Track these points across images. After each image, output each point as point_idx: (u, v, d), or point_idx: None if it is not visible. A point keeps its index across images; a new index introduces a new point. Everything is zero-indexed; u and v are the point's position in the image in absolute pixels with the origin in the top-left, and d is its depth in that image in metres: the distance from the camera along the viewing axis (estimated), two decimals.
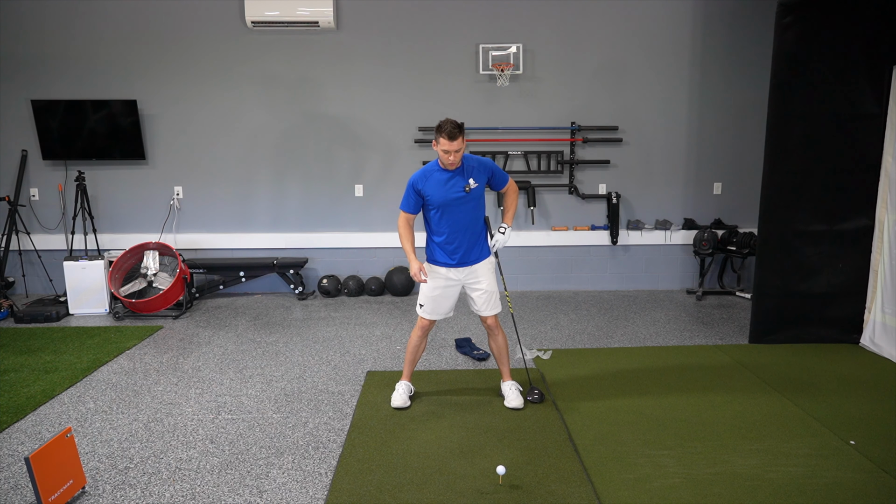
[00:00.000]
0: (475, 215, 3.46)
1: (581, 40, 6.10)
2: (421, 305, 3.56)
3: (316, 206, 6.34)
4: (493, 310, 3.55)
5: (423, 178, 3.39)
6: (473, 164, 3.41)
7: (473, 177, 3.38)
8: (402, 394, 3.62)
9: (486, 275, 3.52)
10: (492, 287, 3.53)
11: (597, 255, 6.46)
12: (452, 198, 3.37)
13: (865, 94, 4.38)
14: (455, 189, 3.37)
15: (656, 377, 4.02)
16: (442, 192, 3.36)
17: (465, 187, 3.37)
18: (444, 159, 3.29)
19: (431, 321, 3.59)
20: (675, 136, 6.28)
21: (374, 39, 6.07)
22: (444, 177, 3.37)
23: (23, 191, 6.14)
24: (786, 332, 4.67)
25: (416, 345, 3.66)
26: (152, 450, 3.13)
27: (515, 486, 2.76)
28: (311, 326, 5.25)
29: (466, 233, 3.44)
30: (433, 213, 3.43)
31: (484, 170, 3.43)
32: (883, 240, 4.43)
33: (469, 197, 3.39)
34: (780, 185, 4.49)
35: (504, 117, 6.18)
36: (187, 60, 6.05)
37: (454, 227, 3.41)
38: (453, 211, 3.39)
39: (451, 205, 3.38)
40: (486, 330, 3.65)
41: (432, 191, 3.37)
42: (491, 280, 3.53)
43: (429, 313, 3.55)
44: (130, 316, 5.54)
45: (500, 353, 3.66)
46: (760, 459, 2.98)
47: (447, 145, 3.23)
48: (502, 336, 3.65)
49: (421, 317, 3.58)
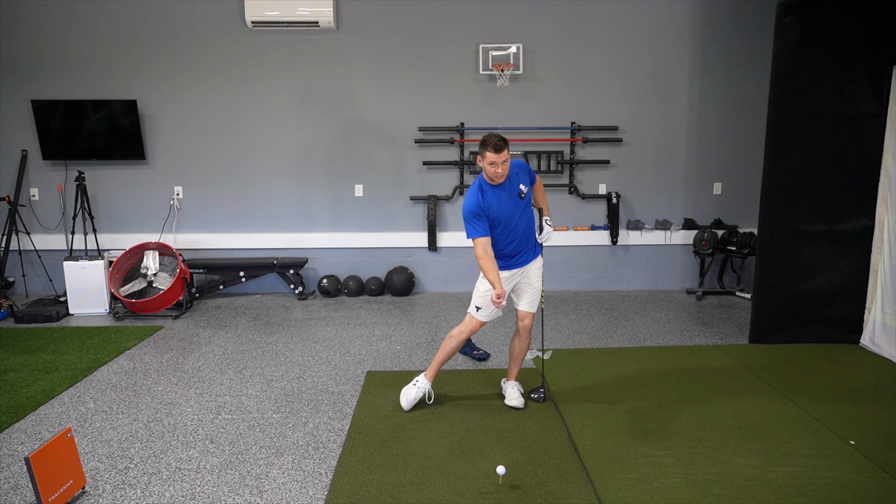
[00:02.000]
0: (529, 219, 3.47)
1: (581, 40, 6.10)
2: (478, 308, 3.51)
3: (316, 205, 6.34)
4: (533, 307, 3.56)
5: (483, 202, 3.30)
6: (514, 169, 3.39)
7: (521, 182, 3.38)
8: (417, 396, 3.57)
9: (536, 273, 3.54)
10: (539, 284, 3.55)
11: (597, 255, 6.46)
12: (515, 209, 3.35)
13: (865, 94, 4.38)
14: (514, 200, 3.35)
15: (656, 377, 4.03)
16: (504, 207, 3.33)
17: (520, 194, 3.36)
18: (492, 172, 3.24)
19: (483, 323, 3.56)
20: (675, 136, 6.28)
21: (374, 39, 6.07)
22: (501, 192, 3.33)
23: (23, 191, 6.14)
24: (786, 332, 4.67)
25: (457, 346, 3.59)
26: (152, 450, 3.14)
27: (515, 486, 2.76)
28: (311, 326, 5.25)
29: (524, 239, 3.44)
30: (496, 231, 3.37)
31: (524, 171, 3.43)
32: (883, 240, 4.43)
33: (524, 202, 3.40)
34: (780, 185, 4.50)
35: (504, 117, 6.18)
36: (187, 60, 6.05)
37: (513, 236, 3.40)
38: (517, 221, 3.38)
39: (515, 216, 3.36)
40: (518, 329, 3.59)
41: (496, 210, 3.32)
42: (539, 278, 3.55)
43: (486, 316, 3.51)
44: (130, 316, 5.54)
45: (519, 356, 3.66)
46: (760, 459, 2.98)
47: (494, 157, 3.19)
48: (528, 340, 3.64)
49: (476, 319, 3.53)
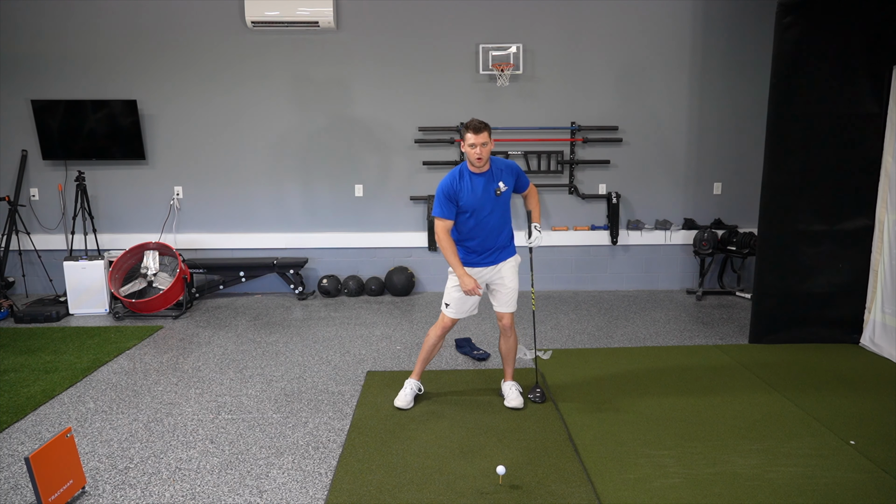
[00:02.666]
0: (504, 217, 3.47)
1: (581, 40, 6.10)
2: (447, 305, 3.53)
3: (316, 205, 6.34)
4: (510, 307, 3.56)
5: (455, 183, 3.35)
6: (501, 166, 3.41)
7: (503, 179, 3.39)
8: (409, 394, 3.61)
9: (511, 273, 3.53)
10: (514, 284, 3.54)
11: (597, 255, 6.46)
12: (486, 201, 3.36)
13: (865, 94, 4.38)
14: (488, 193, 3.36)
15: (656, 377, 4.03)
16: (476, 196, 3.35)
17: (496, 190, 3.36)
18: (471, 155, 3.28)
19: (454, 321, 3.57)
20: (675, 136, 6.28)
21: (374, 39, 6.07)
22: (478, 181, 3.36)
23: (23, 191, 6.14)
24: (786, 332, 4.67)
25: (434, 344, 3.63)
26: (152, 450, 3.13)
27: (515, 486, 2.76)
28: (311, 326, 5.25)
29: (496, 236, 3.44)
30: (464, 218, 3.40)
31: (511, 172, 3.44)
32: (883, 240, 4.43)
33: (500, 200, 3.40)
34: (780, 185, 4.50)
35: (504, 117, 6.18)
36: (187, 60, 6.05)
37: (484, 230, 3.41)
38: (487, 215, 3.38)
39: (485, 208, 3.37)
40: (501, 329, 3.63)
41: (466, 196, 3.34)
42: (514, 278, 3.55)
43: (454, 313, 3.53)
44: (130, 316, 5.54)
45: (509, 353, 3.67)
46: (760, 459, 2.98)
47: (473, 138, 3.23)
48: (514, 337, 3.65)
49: (446, 316, 3.55)
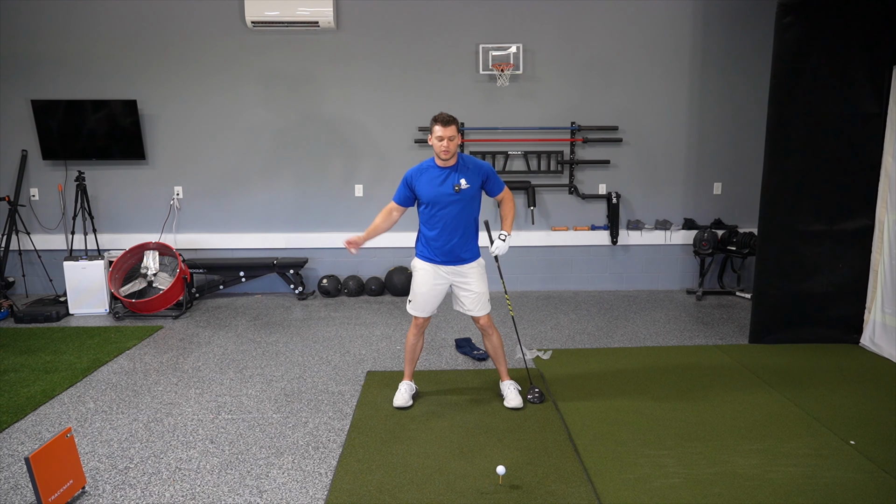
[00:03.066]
0: (466, 216, 3.45)
1: (581, 40, 6.10)
2: (410, 301, 3.59)
3: (316, 205, 6.34)
4: (482, 310, 3.55)
5: (418, 173, 3.44)
6: (469, 165, 3.43)
7: (466, 177, 3.39)
8: (405, 393, 3.63)
9: (476, 277, 3.52)
10: (480, 289, 3.53)
11: (597, 255, 6.46)
12: (442, 195, 3.38)
13: (865, 94, 4.38)
14: (446, 187, 3.38)
15: (656, 377, 4.02)
16: (432, 188, 3.39)
17: (456, 186, 3.37)
18: (438, 147, 3.31)
19: (425, 318, 3.60)
20: (675, 136, 6.28)
21: (374, 39, 6.07)
22: (438, 174, 3.40)
23: (23, 191, 6.14)
24: (786, 332, 4.67)
25: (413, 343, 3.67)
26: (152, 450, 3.13)
27: (515, 486, 2.76)
28: (311, 326, 5.25)
29: (455, 233, 3.43)
30: (423, 209, 3.46)
31: (479, 172, 3.44)
32: (883, 240, 4.43)
33: (459, 197, 3.39)
34: (780, 185, 4.49)
35: (504, 117, 6.18)
36: (187, 60, 6.05)
37: (443, 225, 3.42)
38: (443, 209, 3.40)
39: (441, 202, 3.39)
40: (480, 330, 3.66)
41: (423, 186, 3.41)
42: (480, 282, 3.53)
43: (417, 309, 3.56)
44: (130, 316, 5.54)
45: (497, 352, 3.67)
46: (760, 459, 2.98)
47: (440, 131, 3.27)
48: (497, 335, 3.65)
49: (411, 314, 3.60)
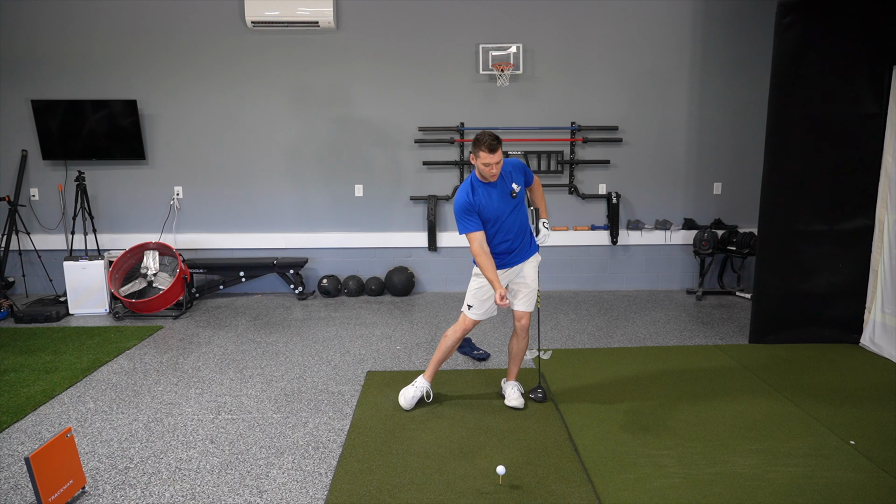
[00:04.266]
0: (523, 218, 3.45)
1: (581, 40, 6.10)
2: (469, 307, 3.50)
3: (316, 205, 6.34)
4: (529, 306, 3.53)
5: (473, 195, 3.30)
6: (508, 168, 3.37)
7: (514, 181, 3.36)
8: (416, 395, 3.57)
9: (532, 272, 3.52)
10: (535, 283, 3.53)
11: (597, 255, 6.46)
12: (504, 207, 3.34)
13: (865, 94, 4.38)
14: (504, 198, 3.34)
15: (656, 377, 4.03)
16: (493, 205, 3.32)
17: (512, 193, 3.35)
18: (485, 172, 3.24)
19: (476, 322, 3.54)
20: (675, 136, 6.28)
21: (374, 39, 6.07)
22: (490, 189, 3.32)
23: (23, 191, 6.14)
24: (786, 332, 4.67)
25: (452, 345, 3.58)
26: (152, 450, 3.13)
27: (515, 486, 2.76)
28: (311, 326, 5.25)
29: (517, 237, 3.42)
30: (487, 227, 3.36)
31: (519, 170, 3.42)
32: (883, 240, 4.43)
33: (517, 201, 3.39)
34: (780, 185, 4.49)
35: (504, 117, 6.18)
36: (187, 60, 6.05)
37: (506, 234, 3.38)
38: (506, 220, 3.36)
39: (505, 213, 3.35)
40: (516, 329, 3.58)
41: (485, 206, 3.31)
42: (534, 276, 3.53)
43: (478, 315, 3.51)
44: (130, 316, 5.54)
45: (518, 356, 3.65)
46: (760, 459, 2.98)
47: (488, 158, 3.18)
48: (527, 340, 3.62)
49: (469, 318, 3.51)
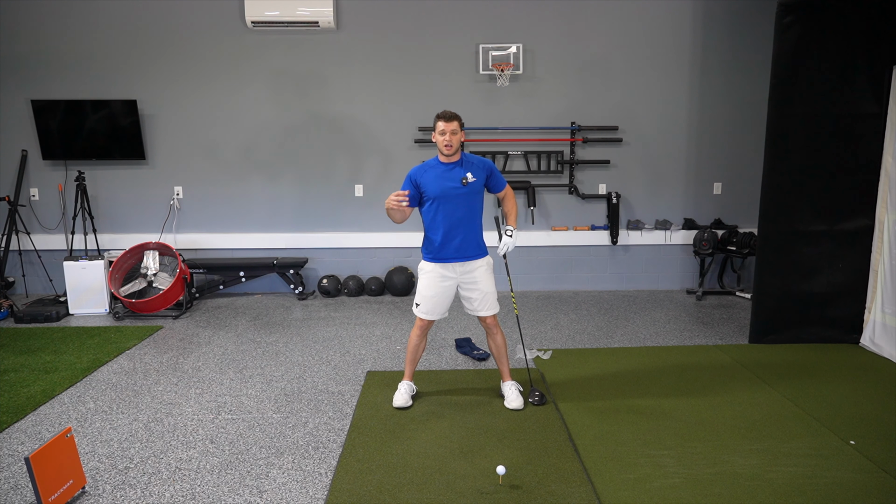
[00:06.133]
0: (472, 211, 3.46)
1: (581, 40, 6.10)
2: (417, 305, 3.57)
3: (316, 206, 6.34)
4: (490, 310, 3.54)
5: (422, 170, 3.45)
6: (473, 161, 3.47)
7: (472, 171, 3.42)
8: (404, 394, 3.62)
9: (484, 275, 3.51)
10: (489, 287, 3.52)
11: (597, 255, 6.46)
12: (449, 189, 3.39)
13: (865, 94, 4.38)
14: (452, 181, 3.39)
15: (656, 377, 4.03)
16: (439, 183, 3.39)
17: (463, 179, 3.39)
18: (440, 142, 3.34)
19: (429, 321, 3.59)
20: (675, 136, 6.28)
21: (374, 39, 6.07)
22: (443, 169, 3.42)
23: (23, 191, 6.14)
24: (786, 332, 4.67)
25: (416, 344, 3.66)
26: (152, 450, 3.13)
27: (515, 486, 2.76)
28: (311, 326, 5.25)
29: (462, 228, 3.43)
30: (429, 206, 3.44)
31: (483, 167, 3.47)
32: (883, 240, 4.43)
33: (466, 190, 3.40)
34: (780, 185, 4.49)
35: (504, 117, 6.18)
36: (187, 60, 6.05)
37: (450, 220, 3.41)
38: (449, 204, 3.40)
39: (447, 197, 3.39)
40: (485, 329, 3.64)
41: (429, 182, 3.41)
42: (488, 280, 3.52)
43: (426, 313, 3.55)
44: (130, 316, 5.54)
45: (500, 352, 3.66)
46: (760, 459, 2.98)
47: (444, 125, 3.31)
48: (501, 336, 3.64)
49: (418, 316, 3.58)
